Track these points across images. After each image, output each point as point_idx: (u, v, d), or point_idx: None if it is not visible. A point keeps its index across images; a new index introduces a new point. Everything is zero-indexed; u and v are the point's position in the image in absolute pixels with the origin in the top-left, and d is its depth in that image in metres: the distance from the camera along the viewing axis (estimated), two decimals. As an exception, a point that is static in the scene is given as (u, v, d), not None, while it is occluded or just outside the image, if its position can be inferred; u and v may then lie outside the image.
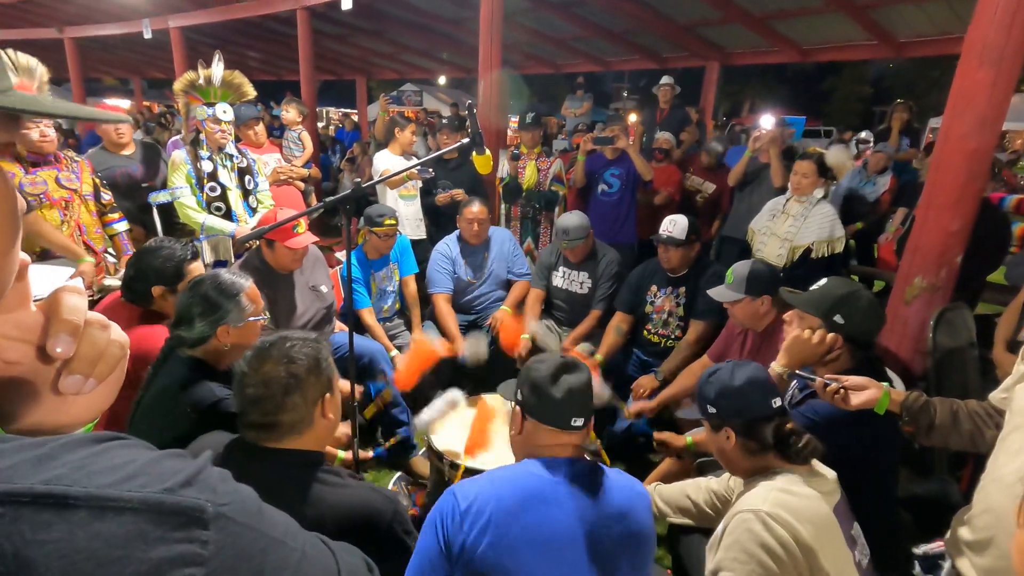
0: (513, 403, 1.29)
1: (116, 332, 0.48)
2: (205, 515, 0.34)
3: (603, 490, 1.16)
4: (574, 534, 1.10)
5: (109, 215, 2.95)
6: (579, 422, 1.20)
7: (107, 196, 2.94)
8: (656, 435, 2.03)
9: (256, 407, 1.16)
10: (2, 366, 0.43)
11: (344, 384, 1.57)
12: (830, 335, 1.56)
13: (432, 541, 1.10)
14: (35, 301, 0.46)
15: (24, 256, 0.41)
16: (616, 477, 1.22)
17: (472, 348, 2.70)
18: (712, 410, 1.33)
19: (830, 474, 1.29)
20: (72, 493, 0.31)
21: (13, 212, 0.38)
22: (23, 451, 0.32)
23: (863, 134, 6.33)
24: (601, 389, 2.15)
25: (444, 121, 4.99)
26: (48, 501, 0.30)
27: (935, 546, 1.39)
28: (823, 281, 1.68)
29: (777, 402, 1.30)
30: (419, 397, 2.53)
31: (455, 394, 2.11)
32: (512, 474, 1.16)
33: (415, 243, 3.42)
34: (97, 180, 2.91)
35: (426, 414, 2.04)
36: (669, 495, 1.73)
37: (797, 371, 1.57)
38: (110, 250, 3.00)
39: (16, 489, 0.30)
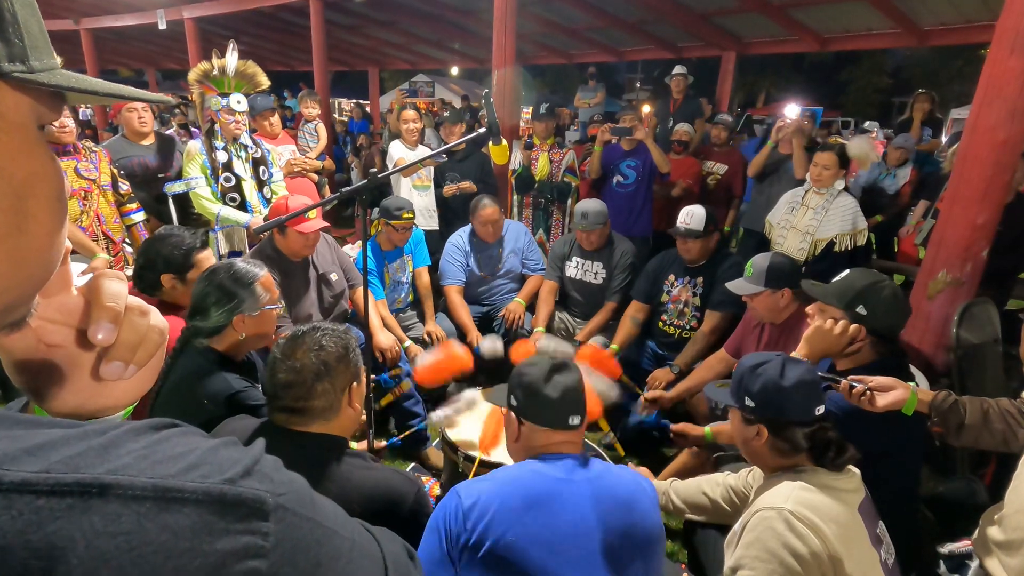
0: (507, 409, 1.28)
1: (156, 318, 0.48)
2: (266, 506, 0.34)
3: (607, 485, 1.15)
4: (578, 531, 1.09)
5: (127, 205, 2.98)
6: (576, 420, 1.19)
7: (125, 186, 2.96)
8: (673, 427, 2.01)
9: (288, 392, 1.19)
10: (44, 349, 0.44)
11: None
12: (853, 326, 1.53)
13: (435, 542, 1.10)
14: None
15: (66, 242, 0.41)
16: (620, 472, 1.20)
17: (490, 344, 2.69)
18: (750, 403, 1.28)
19: (855, 472, 1.26)
20: (138, 484, 0.30)
21: (61, 195, 0.37)
22: (87, 438, 0.32)
23: (867, 124, 6.22)
24: (609, 389, 2.12)
25: (446, 114, 4.97)
26: (116, 492, 0.29)
27: (961, 545, 1.36)
28: (845, 272, 1.65)
29: (820, 409, 1.25)
30: (435, 391, 2.54)
31: (473, 393, 2.09)
32: (516, 473, 1.15)
33: (427, 234, 3.41)
34: (114, 170, 2.93)
35: (442, 411, 2.04)
36: (685, 492, 1.71)
37: (821, 373, 1.54)
38: (128, 240, 3.03)
39: (85, 479, 0.29)
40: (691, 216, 2.56)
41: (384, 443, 1.99)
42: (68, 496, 0.28)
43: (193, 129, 7.05)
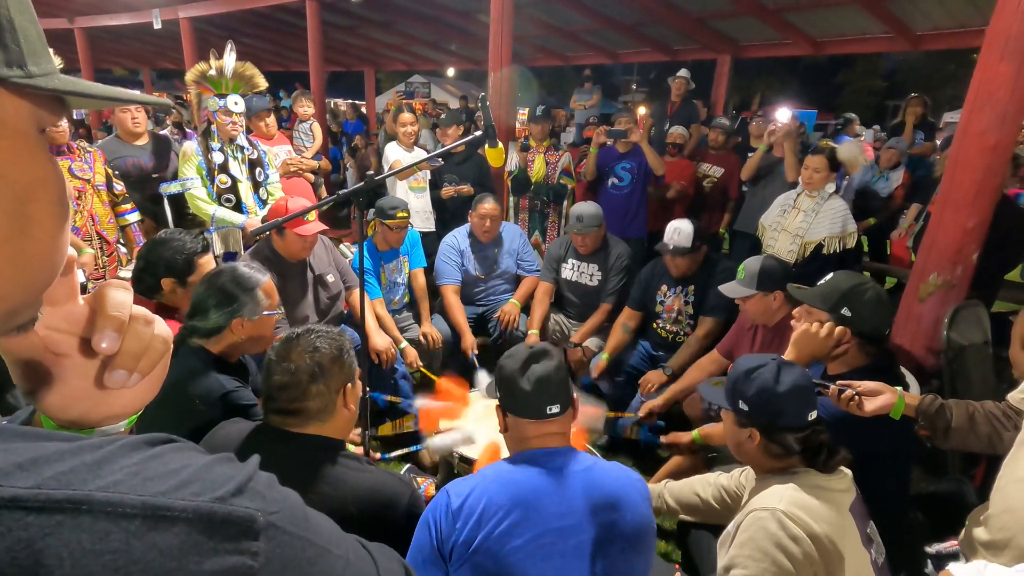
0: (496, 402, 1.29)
1: (160, 327, 0.48)
2: (256, 525, 0.34)
3: (595, 479, 1.16)
4: (566, 525, 1.10)
5: (121, 206, 2.97)
6: (555, 409, 1.19)
7: (119, 187, 2.95)
8: (663, 439, 2.03)
9: (283, 393, 1.20)
10: (51, 358, 0.44)
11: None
12: (838, 328, 1.55)
13: (425, 538, 1.11)
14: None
15: (71, 251, 0.41)
16: (608, 466, 1.21)
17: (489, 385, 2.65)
18: (744, 407, 1.28)
19: (846, 472, 1.28)
20: (128, 501, 0.30)
21: (62, 199, 0.37)
22: (80, 454, 0.32)
23: (857, 128, 6.28)
24: (594, 423, 2.09)
25: (443, 116, 4.97)
26: (106, 509, 0.29)
27: (948, 545, 1.38)
28: (829, 275, 1.67)
29: (813, 415, 1.25)
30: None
31: (473, 432, 2.08)
32: (503, 469, 1.17)
33: (424, 235, 3.42)
34: (109, 170, 2.92)
35: (439, 440, 2.03)
36: (678, 492, 1.73)
37: (812, 379, 1.55)
38: (122, 241, 3.02)
39: (75, 496, 0.29)
40: (678, 233, 2.52)
41: (378, 455, 1.99)
42: (58, 513, 0.28)
43: (188, 129, 7.04)
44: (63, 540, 0.28)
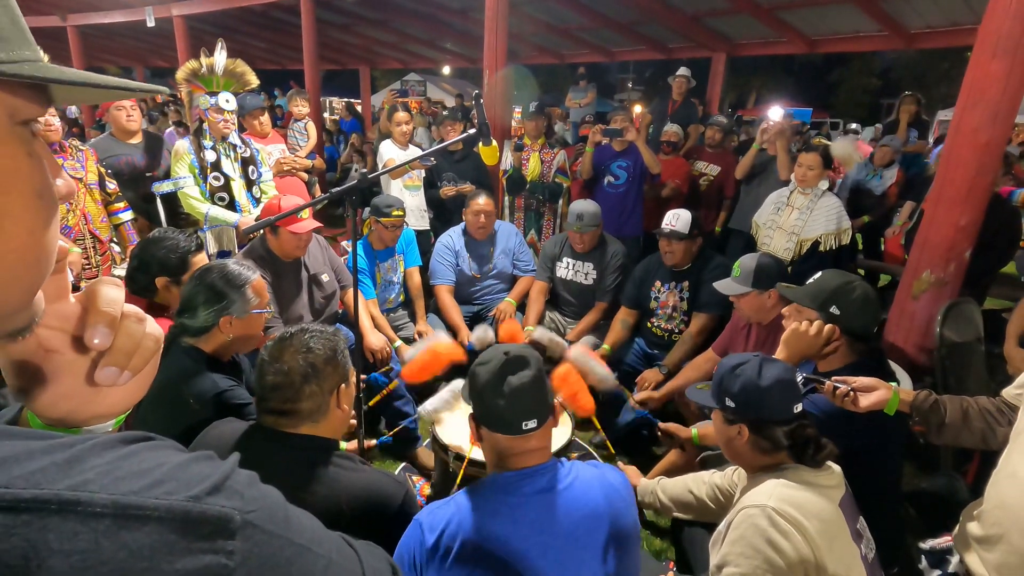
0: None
1: (151, 325, 0.48)
2: (232, 524, 0.33)
3: (577, 496, 1.11)
4: (550, 549, 1.07)
5: (114, 204, 2.95)
6: (531, 424, 1.11)
7: (112, 185, 2.94)
8: (661, 425, 2.03)
9: (276, 394, 1.19)
10: (42, 355, 0.44)
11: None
12: (827, 326, 1.56)
13: (404, 569, 1.09)
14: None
15: (62, 244, 0.41)
16: (590, 477, 1.16)
17: (480, 332, 2.68)
18: (731, 404, 1.29)
19: (836, 468, 1.28)
20: (98, 500, 0.30)
21: (43, 192, 0.36)
22: (52, 453, 0.31)
23: (854, 125, 6.32)
24: (605, 375, 2.12)
25: (445, 113, 4.95)
26: (74, 508, 0.29)
27: (942, 541, 1.39)
28: (818, 274, 1.69)
29: (799, 407, 1.26)
30: (424, 387, 2.54)
31: (460, 384, 2.10)
32: (478, 498, 1.11)
33: (419, 234, 3.41)
34: (102, 169, 2.91)
35: (430, 404, 2.04)
36: (672, 490, 1.73)
37: (806, 374, 1.56)
38: (115, 240, 3.01)
39: (43, 495, 0.29)
40: (677, 218, 2.57)
41: (374, 442, 1.99)
42: (25, 512, 0.28)
43: (168, 130, 6.99)
44: (31, 540, 0.28)
